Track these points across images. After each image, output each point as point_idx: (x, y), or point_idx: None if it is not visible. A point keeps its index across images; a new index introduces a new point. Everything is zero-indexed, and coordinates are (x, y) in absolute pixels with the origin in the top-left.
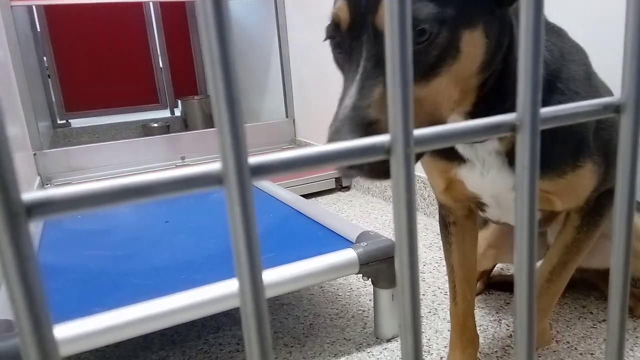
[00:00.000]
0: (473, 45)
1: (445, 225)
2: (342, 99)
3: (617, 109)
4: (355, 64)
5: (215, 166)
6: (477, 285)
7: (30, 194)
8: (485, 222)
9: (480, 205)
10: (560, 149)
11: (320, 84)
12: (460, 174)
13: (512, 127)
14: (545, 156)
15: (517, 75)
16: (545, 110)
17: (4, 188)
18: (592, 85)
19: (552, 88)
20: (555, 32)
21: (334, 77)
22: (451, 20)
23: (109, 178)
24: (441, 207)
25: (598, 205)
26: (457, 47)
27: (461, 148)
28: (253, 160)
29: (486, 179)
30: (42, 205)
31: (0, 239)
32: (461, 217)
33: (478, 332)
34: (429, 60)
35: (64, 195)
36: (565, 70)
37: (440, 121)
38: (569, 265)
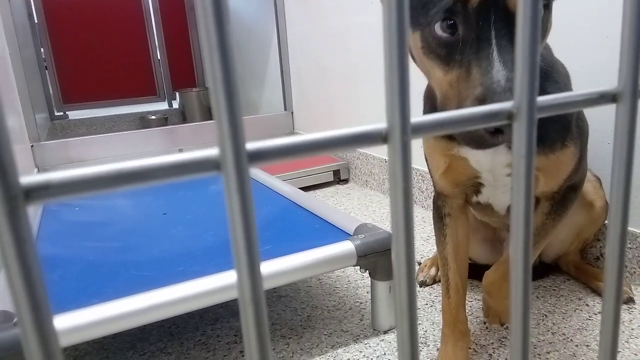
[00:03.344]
0: (549, 20)
1: (440, 217)
2: (482, 75)
3: (613, 98)
4: (486, 42)
5: (212, 151)
6: (432, 270)
7: (28, 177)
8: None
9: (477, 187)
10: (553, 127)
11: (318, 77)
12: (464, 150)
13: (509, 115)
14: (543, 133)
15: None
16: (543, 99)
17: (2, 172)
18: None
19: (549, 77)
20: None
21: (333, 70)
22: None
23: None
24: (437, 197)
25: (565, 198)
26: (549, 19)
27: None
28: (251, 145)
29: (488, 152)
30: (40, 189)
31: None
32: (456, 209)
33: (474, 323)
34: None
35: (62, 179)
36: (555, 66)
37: None
38: (535, 245)
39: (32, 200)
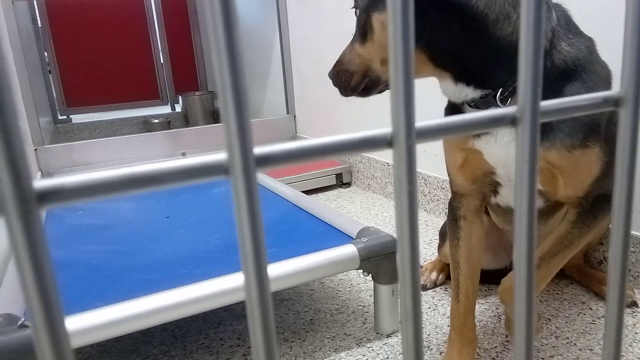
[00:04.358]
0: (380, 23)
1: (455, 219)
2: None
3: (616, 102)
4: None
5: (221, 156)
6: (440, 276)
7: (41, 181)
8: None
9: (495, 186)
10: (572, 123)
11: (321, 80)
12: (478, 144)
13: (513, 120)
14: (558, 126)
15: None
16: (546, 104)
17: (17, 175)
18: (609, 88)
19: (575, 76)
20: (587, 38)
21: None
22: (364, 6)
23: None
24: (453, 198)
25: (594, 207)
26: (371, 24)
27: None
28: (258, 150)
29: (501, 145)
30: (53, 193)
31: (13, 225)
32: (472, 212)
33: (478, 327)
34: (362, 31)
35: (75, 183)
36: (590, 67)
37: (374, 75)
38: (558, 255)
39: (46, 203)
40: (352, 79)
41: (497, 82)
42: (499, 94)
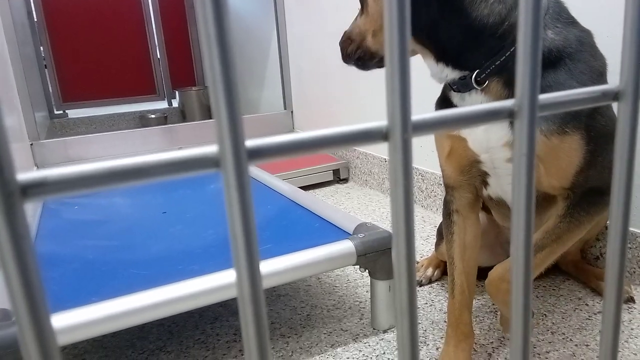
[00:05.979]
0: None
1: (448, 214)
2: None
3: (615, 96)
4: None
5: (212, 149)
6: (435, 272)
7: (25, 174)
8: None
9: (484, 177)
10: None
11: (318, 76)
12: (463, 130)
13: (511, 113)
14: None
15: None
16: (544, 97)
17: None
18: (600, 79)
19: (560, 64)
20: (581, 29)
21: (332, 69)
22: None
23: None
24: (446, 192)
25: (585, 201)
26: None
27: (456, 99)
28: (250, 142)
29: (481, 128)
30: (37, 186)
31: None
32: (465, 206)
33: (474, 322)
34: (361, 3)
35: (60, 175)
36: (579, 56)
37: (365, 46)
38: (544, 250)
39: (29, 196)
40: (349, 47)
41: (474, 64)
42: (474, 75)
